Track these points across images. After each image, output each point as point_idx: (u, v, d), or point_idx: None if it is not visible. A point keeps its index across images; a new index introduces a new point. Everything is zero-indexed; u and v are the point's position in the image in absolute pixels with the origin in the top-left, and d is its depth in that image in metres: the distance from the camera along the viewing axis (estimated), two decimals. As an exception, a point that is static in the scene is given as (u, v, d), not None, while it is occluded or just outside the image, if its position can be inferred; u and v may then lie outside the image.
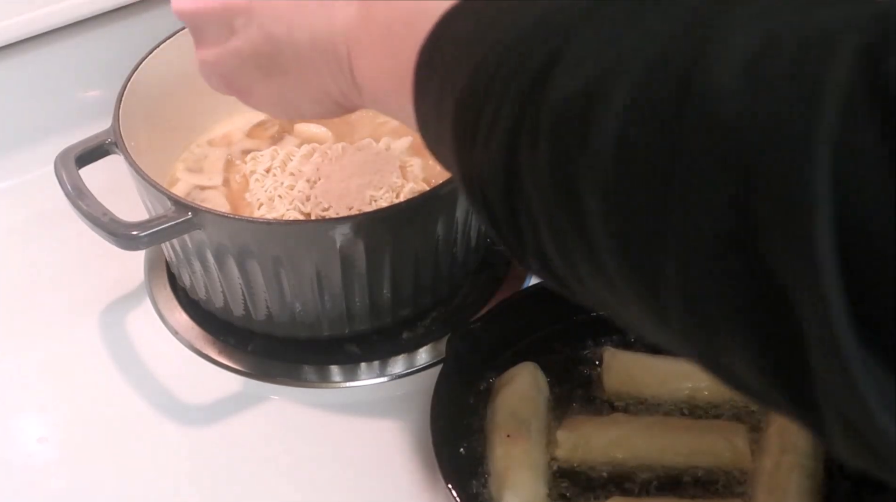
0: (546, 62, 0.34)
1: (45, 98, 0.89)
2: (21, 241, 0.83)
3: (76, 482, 0.66)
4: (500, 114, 0.35)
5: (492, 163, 0.36)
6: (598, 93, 0.32)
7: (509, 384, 0.65)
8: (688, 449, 0.62)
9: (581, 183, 0.32)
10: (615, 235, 0.32)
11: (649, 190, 0.30)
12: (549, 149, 0.33)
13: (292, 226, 0.67)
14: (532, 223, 0.36)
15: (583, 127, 0.32)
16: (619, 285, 0.33)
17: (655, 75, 0.31)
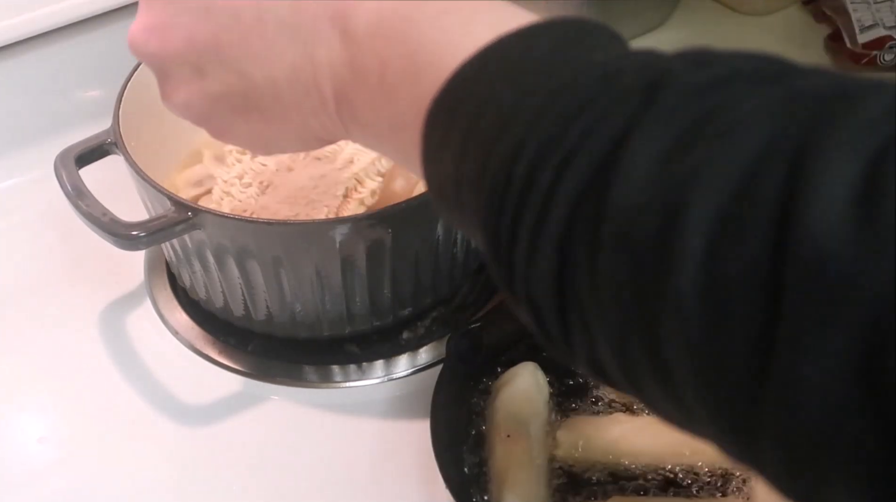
0: (603, 159, 0.31)
1: (45, 98, 0.89)
2: (21, 241, 0.83)
3: (76, 482, 0.66)
4: (548, 216, 0.32)
5: (540, 272, 0.33)
6: (674, 210, 0.29)
7: (509, 384, 0.65)
8: (688, 449, 0.62)
9: (657, 319, 0.29)
10: (701, 381, 0.29)
11: (744, 346, 0.28)
12: (614, 274, 0.30)
13: (292, 226, 0.67)
14: (588, 337, 0.33)
15: (657, 252, 0.29)
16: (700, 417, 0.30)
17: (744, 200, 0.28)
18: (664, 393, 0.31)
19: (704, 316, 0.28)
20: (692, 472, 0.62)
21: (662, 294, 0.29)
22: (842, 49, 0.93)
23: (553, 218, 0.32)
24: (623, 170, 0.30)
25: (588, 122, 0.31)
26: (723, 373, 0.28)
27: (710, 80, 0.31)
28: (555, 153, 0.32)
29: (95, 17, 0.87)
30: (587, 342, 0.33)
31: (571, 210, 0.31)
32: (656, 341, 0.30)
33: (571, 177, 0.31)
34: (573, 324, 0.33)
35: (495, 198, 0.34)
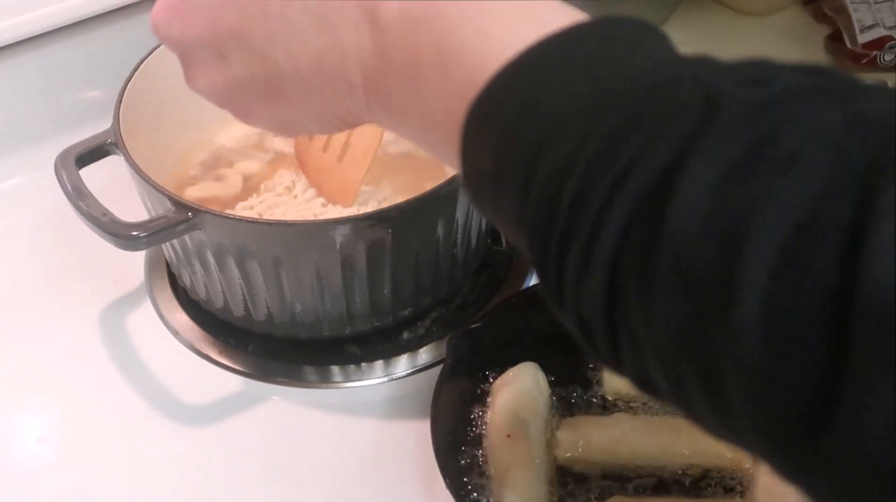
0: (660, 179, 0.30)
1: (45, 98, 0.89)
2: (21, 241, 0.83)
3: (76, 482, 0.66)
4: (600, 237, 0.31)
5: (590, 291, 0.32)
6: (735, 240, 0.28)
7: (510, 384, 0.65)
8: (688, 449, 0.62)
9: (715, 350, 0.29)
10: (759, 414, 0.29)
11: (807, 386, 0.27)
12: (670, 301, 0.30)
13: (292, 226, 0.67)
14: (639, 358, 0.32)
15: (717, 282, 0.28)
16: (752, 442, 0.30)
17: (808, 233, 0.27)
18: (718, 418, 0.31)
19: (765, 351, 0.28)
20: (692, 472, 0.62)
21: (722, 325, 0.28)
22: (842, 49, 0.93)
23: (605, 239, 0.31)
24: (679, 195, 0.29)
25: (642, 140, 0.31)
26: (782, 410, 0.28)
27: (767, 99, 0.30)
28: (607, 170, 0.31)
29: (95, 17, 0.87)
30: (638, 362, 0.32)
31: (624, 232, 0.31)
32: (713, 371, 0.29)
33: (625, 197, 0.30)
34: (624, 343, 0.32)
35: (543, 211, 0.33)
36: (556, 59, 0.35)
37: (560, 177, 0.32)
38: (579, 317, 0.34)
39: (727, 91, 0.31)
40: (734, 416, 0.30)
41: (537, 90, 0.34)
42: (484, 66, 0.36)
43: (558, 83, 0.34)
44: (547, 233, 0.33)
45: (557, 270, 0.33)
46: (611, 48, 0.34)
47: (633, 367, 0.33)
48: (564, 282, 0.33)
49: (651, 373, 0.32)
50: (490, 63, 0.36)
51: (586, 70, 0.34)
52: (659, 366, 0.31)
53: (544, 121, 0.34)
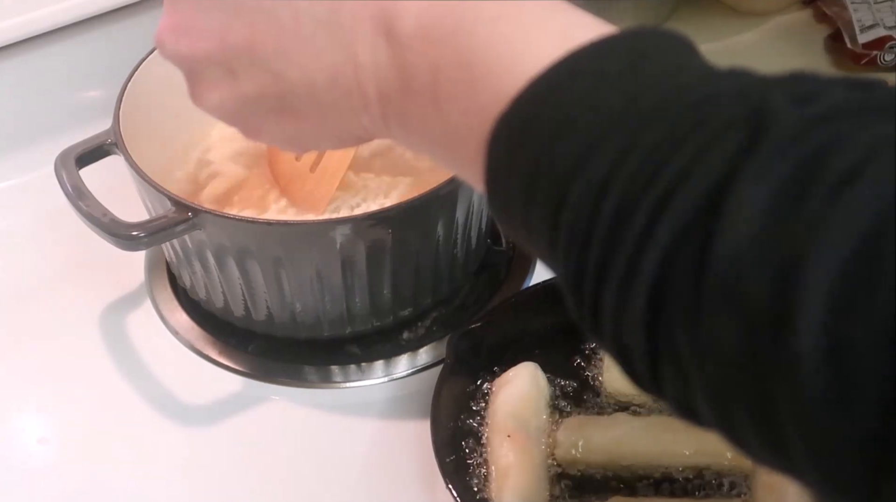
0: (706, 202, 0.28)
1: (45, 98, 0.89)
2: (21, 241, 0.83)
3: (76, 482, 0.66)
4: (642, 262, 0.30)
5: (630, 319, 0.31)
6: (790, 266, 0.27)
7: (509, 384, 0.65)
8: (688, 450, 0.62)
9: (769, 381, 0.28)
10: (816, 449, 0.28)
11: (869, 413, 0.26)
12: (719, 330, 0.28)
13: (292, 226, 0.67)
14: (683, 386, 0.31)
15: (771, 310, 0.27)
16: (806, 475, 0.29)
17: (869, 258, 0.26)
18: (770, 451, 0.30)
19: (825, 384, 0.26)
20: (692, 472, 0.62)
21: (777, 356, 0.27)
22: (842, 49, 0.93)
23: (647, 264, 0.30)
24: (728, 218, 0.28)
25: (685, 159, 0.29)
26: (843, 447, 0.27)
27: (816, 117, 0.29)
28: (648, 194, 0.30)
29: (95, 17, 0.87)
30: (681, 390, 0.31)
31: (668, 257, 0.29)
32: (767, 403, 0.28)
33: (668, 220, 0.29)
34: (666, 371, 0.31)
35: (578, 235, 0.32)
36: (587, 74, 0.33)
37: (596, 199, 0.31)
38: (618, 345, 0.32)
39: (774, 108, 0.29)
40: (789, 450, 0.29)
41: (568, 106, 0.33)
42: (509, 82, 0.34)
43: (590, 99, 0.32)
44: (582, 257, 0.32)
45: (594, 296, 0.32)
46: (644, 62, 0.33)
47: (676, 395, 0.32)
48: (602, 308, 0.32)
49: (695, 402, 0.31)
50: (516, 78, 0.34)
51: (619, 85, 0.32)
52: (705, 395, 0.30)
53: (577, 139, 0.32)
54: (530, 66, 0.34)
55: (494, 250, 0.79)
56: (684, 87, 0.31)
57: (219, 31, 0.43)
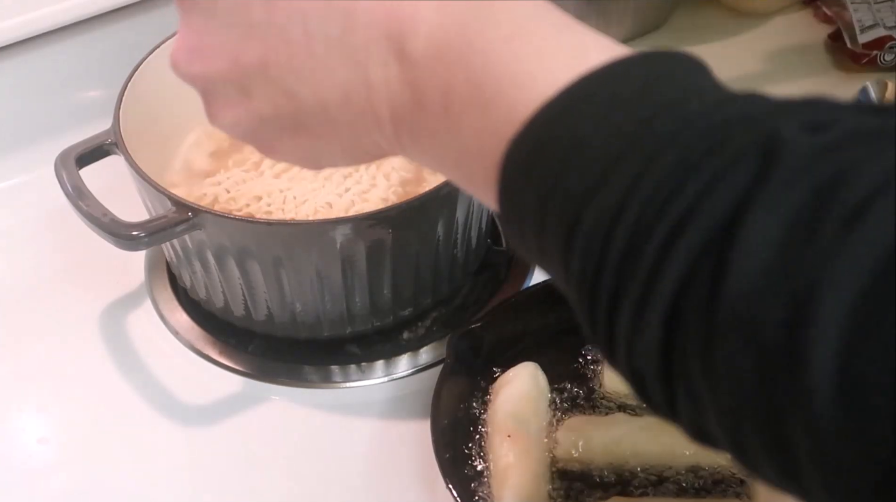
0: (719, 232, 0.28)
1: (45, 98, 0.89)
2: (21, 241, 0.83)
3: (76, 482, 0.66)
4: (655, 292, 0.30)
5: (644, 347, 0.31)
6: (803, 301, 0.27)
7: (510, 384, 0.65)
8: (688, 449, 0.62)
9: (783, 413, 0.28)
10: (830, 481, 0.28)
11: (884, 450, 0.26)
12: (732, 361, 0.28)
13: (292, 226, 0.67)
14: (697, 412, 0.31)
15: (784, 345, 0.27)
16: (817, 499, 0.29)
17: (881, 295, 0.26)
18: (784, 477, 0.30)
19: (839, 418, 0.26)
20: (692, 472, 0.62)
21: (791, 387, 0.27)
22: (842, 49, 0.93)
23: (660, 294, 0.30)
24: (740, 250, 0.28)
25: (696, 191, 0.29)
26: (857, 478, 0.27)
27: (829, 145, 0.29)
28: (661, 222, 0.30)
29: (95, 17, 0.87)
30: (695, 415, 0.31)
31: (682, 286, 0.29)
32: (780, 432, 0.28)
33: (681, 252, 0.29)
34: (680, 396, 0.31)
35: (591, 262, 0.32)
36: (600, 98, 0.33)
37: (609, 226, 0.31)
38: (632, 370, 0.32)
39: (786, 135, 0.29)
40: (803, 479, 0.29)
41: (581, 130, 0.33)
42: (522, 104, 0.34)
43: (604, 123, 0.32)
44: (595, 284, 0.32)
45: (608, 323, 0.32)
46: (657, 86, 0.33)
47: (690, 420, 0.32)
48: (616, 334, 0.32)
49: (709, 427, 0.31)
50: (529, 100, 0.34)
51: (633, 110, 0.32)
52: (719, 421, 0.30)
53: (590, 164, 0.32)
54: (543, 89, 0.34)
55: (494, 250, 0.79)
56: (697, 113, 0.31)
57: (232, 51, 0.43)
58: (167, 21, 0.79)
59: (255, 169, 0.75)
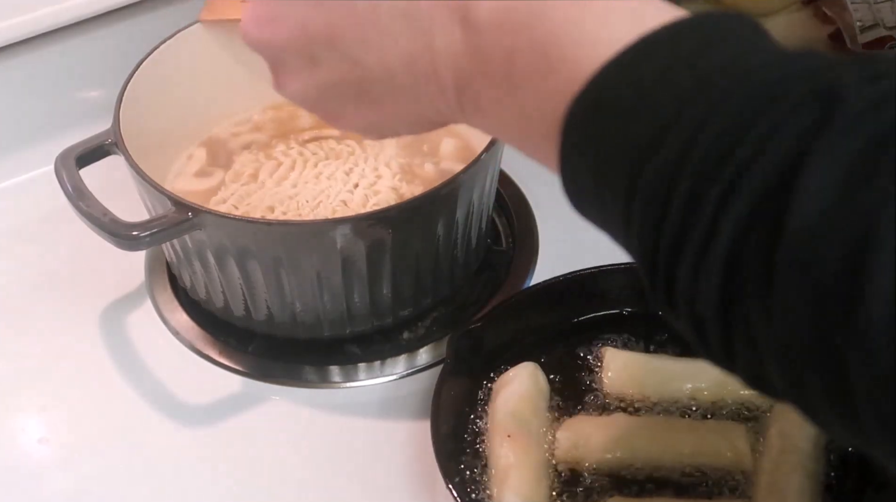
0: (779, 178, 0.29)
1: (45, 98, 0.89)
2: (21, 241, 0.83)
3: (76, 482, 0.66)
4: (719, 235, 0.31)
5: (705, 291, 0.32)
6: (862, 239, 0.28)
7: (510, 384, 0.65)
8: (688, 450, 0.62)
9: (841, 350, 0.29)
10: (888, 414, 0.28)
11: None
12: (792, 300, 0.29)
13: (293, 226, 0.67)
14: (755, 356, 0.32)
15: (843, 282, 0.28)
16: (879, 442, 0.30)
17: None
18: (840, 419, 0.31)
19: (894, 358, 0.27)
20: (692, 472, 0.62)
21: (848, 326, 0.28)
22: (842, 49, 0.93)
23: (722, 237, 0.31)
24: (801, 193, 0.29)
25: (758, 138, 0.30)
26: None
27: (888, 94, 0.29)
28: (724, 169, 0.31)
29: (95, 17, 0.87)
30: (753, 361, 0.32)
31: (743, 231, 0.30)
32: (838, 372, 0.29)
33: (743, 195, 0.30)
34: (739, 342, 0.32)
35: (653, 210, 0.33)
36: (660, 56, 0.34)
37: (671, 175, 0.32)
38: (693, 316, 0.33)
39: (847, 84, 0.30)
40: (861, 420, 0.29)
41: (642, 87, 0.34)
42: (584, 64, 0.36)
43: (664, 80, 0.33)
44: (657, 231, 0.33)
45: (668, 269, 0.33)
46: (716, 44, 0.34)
47: (747, 366, 0.33)
48: (677, 281, 0.33)
49: (767, 373, 0.32)
50: (590, 61, 0.35)
51: (693, 67, 0.33)
52: (777, 365, 0.31)
53: (651, 117, 0.33)
54: (604, 50, 0.35)
55: (494, 250, 0.79)
56: (756, 68, 0.32)
57: (300, 21, 0.45)
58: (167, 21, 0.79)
59: (253, 181, 0.76)
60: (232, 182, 0.76)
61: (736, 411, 0.65)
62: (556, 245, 0.78)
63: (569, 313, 0.71)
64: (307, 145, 0.79)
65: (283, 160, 0.77)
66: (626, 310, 0.71)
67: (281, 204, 0.73)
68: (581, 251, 0.70)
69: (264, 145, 0.80)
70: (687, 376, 0.66)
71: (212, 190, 0.76)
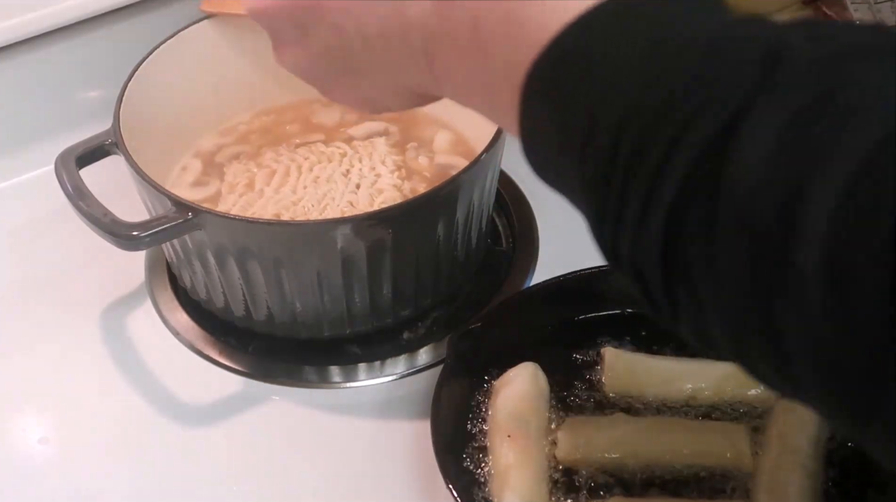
0: (720, 131, 0.30)
1: (45, 98, 0.89)
2: (21, 241, 0.83)
3: (77, 482, 0.66)
4: (660, 188, 0.32)
5: (648, 242, 0.33)
6: (796, 188, 0.28)
7: (510, 384, 0.65)
8: (688, 450, 0.62)
9: (775, 297, 0.29)
10: (818, 361, 0.29)
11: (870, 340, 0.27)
12: (731, 249, 0.30)
13: (293, 226, 0.67)
14: (697, 308, 0.32)
15: (778, 230, 0.29)
16: (810, 392, 0.30)
17: (870, 181, 0.27)
18: (776, 369, 0.31)
19: (827, 297, 0.28)
20: (692, 472, 0.62)
21: (783, 270, 0.29)
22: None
23: (665, 188, 0.31)
24: (741, 145, 0.30)
25: (704, 93, 0.31)
26: (842, 357, 0.28)
27: (830, 54, 0.30)
28: (669, 122, 0.32)
29: (95, 17, 0.87)
30: (695, 313, 0.33)
31: (685, 182, 0.31)
32: (772, 318, 0.29)
33: (686, 148, 0.31)
34: (681, 294, 0.33)
35: (602, 165, 0.34)
36: (616, 20, 0.35)
37: (619, 131, 0.33)
38: (636, 271, 0.34)
39: (790, 46, 0.31)
40: (793, 365, 0.30)
41: (597, 49, 0.35)
42: (544, 29, 0.37)
43: (618, 42, 0.34)
44: (605, 185, 0.34)
45: (614, 223, 0.34)
46: (671, 9, 0.35)
47: (691, 320, 0.33)
48: (622, 235, 0.34)
49: (709, 326, 0.32)
50: (550, 26, 0.36)
51: (647, 30, 0.34)
52: (718, 316, 0.32)
53: (603, 78, 0.34)
54: (563, 15, 0.36)
55: (494, 250, 0.79)
56: (706, 31, 0.33)
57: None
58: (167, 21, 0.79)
59: (250, 190, 0.75)
60: (229, 193, 0.76)
61: (736, 411, 0.65)
62: (556, 245, 0.78)
63: (569, 313, 0.71)
64: (297, 150, 0.79)
65: (275, 167, 0.77)
66: (626, 310, 0.71)
67: (287, 210, 0.73)
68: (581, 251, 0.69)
69: (253, 154, 0.80)
70: (687, 376, 0.66)
71: (209, 199, 0.76)
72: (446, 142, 0.80)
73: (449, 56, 0.42)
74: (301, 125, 0.83)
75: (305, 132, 0.82)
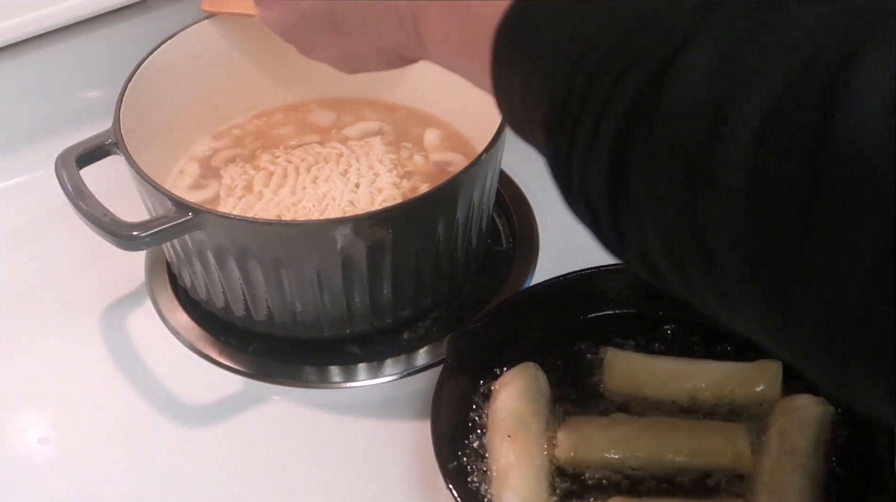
0: (660, 64, 0.32)
1: (45, 98, 0.89)
2: (21, 241, 0.83)
3: (77, 482, 0.66)
4: (606, 121, 0.34)
5: (595, 174, 0.35)
6: (724, 108, 0.30)
7: (510, 384, 0.65)
8: (688, 450, 0.62)
9: (707, 217, 0.31)
10: (745, 266, 0.31)
11: (786, 231, 0.29)
12: (667, 171, 0.32)
13: (293, 226, 0.67)
14: (641, 236, 0.35)
15: (707, 151, 0.31)
16: (743, 307, 0.32)
17: (791, 98, 0.29)
18: (708, 283, 0.33)
19: (750, 205, 0.30)
20: (692, 472, 0.62)
21: (711, 186, 0.31)
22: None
23: (609, 121, 0.33)
24: (677, 76, 0.32)
25: (646, 36, 0.33)
26: (764, 259, 0.30)
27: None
28: (614, 63, 0.34)
29: (95, 17, 0.87)
30: (639, 240, 0.35)
31: (627, 113, 0.33)
32: (703, 232, 0.31)
33: (628, 83, 0.33)
34: (626, 223, 0.35)
35: (557, 108, 0.36)
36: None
37: (573, 74, 0.35)
38: (586, 204, 0.36)
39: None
40: (722, 276, 0.32)
41: (556, 7, 0.37)
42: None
43: (584, 7, 0.36)
44: (559, 125, 0.36)
45: (567, 159, 0.36)
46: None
47: (636, 250, 0.35)
48: (573, 168, 0.36)
49: (652, 252, 0.34)
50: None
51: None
52: (658, 240, 0.34)
53: (560, 28, 0.36)
54: None
55: (494, 250, 0.79)
56: None
57: None
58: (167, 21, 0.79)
59: (248, 193, 0.75)
60: (227, 196, 0.76)
61: (736, 411, 0.65)
62: (556, 245, 0.78)
63: (569, 313, 0.71)
64: (294, 151, 0.79)
65: (272, 169, 0.77)
66: (626, 310, 0.71)
67: (287, 211, 0.73)
68: (581, 251, 0.70)
69: (249, 157, 0.80)
70: (687, 376, 0.66)
71: (208, 201, 0.76)
72: (436, 139, 0.80)
73: (431, 20, 0.44)
74: (296, 127, 0.83)
75: (300, 134, 0.82)
